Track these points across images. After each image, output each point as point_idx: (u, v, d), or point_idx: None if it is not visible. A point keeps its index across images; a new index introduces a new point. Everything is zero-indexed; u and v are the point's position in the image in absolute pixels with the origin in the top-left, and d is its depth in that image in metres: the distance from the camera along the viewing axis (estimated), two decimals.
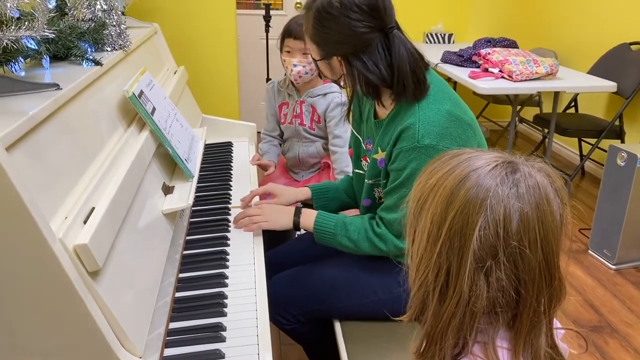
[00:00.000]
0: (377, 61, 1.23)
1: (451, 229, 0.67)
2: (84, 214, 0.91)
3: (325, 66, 1.31)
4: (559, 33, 3.89)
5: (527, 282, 0.67)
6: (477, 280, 0.66)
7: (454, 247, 0.67)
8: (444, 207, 0.68)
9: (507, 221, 0.65)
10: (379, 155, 1.32)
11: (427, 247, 0.70)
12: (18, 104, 0.94)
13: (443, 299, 0.69)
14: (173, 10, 2.88)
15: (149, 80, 1.47)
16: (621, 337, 2.11)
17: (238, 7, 3.35)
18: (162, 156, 1.42)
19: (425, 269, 0.71)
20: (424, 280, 0.71)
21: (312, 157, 2.07)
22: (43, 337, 0.84)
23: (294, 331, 1.50)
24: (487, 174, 0.67)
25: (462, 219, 0.67)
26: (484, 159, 0.70)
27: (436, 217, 0.69)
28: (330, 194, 1.61)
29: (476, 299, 0.67)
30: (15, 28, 0.94)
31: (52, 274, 0.79)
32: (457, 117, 1.22)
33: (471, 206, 0.66)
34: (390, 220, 1.29)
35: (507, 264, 0.66)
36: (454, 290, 0.68)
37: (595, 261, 2.64)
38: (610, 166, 2.51)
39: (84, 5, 1.44)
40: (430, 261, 0.70)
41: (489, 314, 0.69)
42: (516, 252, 0.66)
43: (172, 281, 1.19)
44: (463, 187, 0.67)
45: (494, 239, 0.65)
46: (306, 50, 1.86)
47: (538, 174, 0.68)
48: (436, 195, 0.70)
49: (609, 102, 3.48)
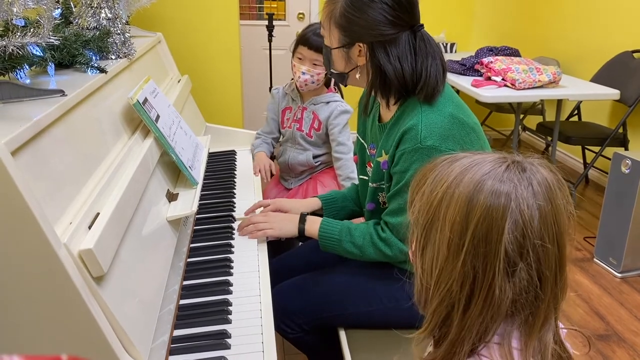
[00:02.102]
0: (402, 57, 1.22)
1: (475, 236, 0.66)
2: (88, 219, 0.91)
3: (341, 55, 1.29)
4: (561, 41, 3.90)
5: (547, 277, 0.67)
6: (504, 283, 0.66)
7: (479, 254, 0.66)
8: (463, 215, 0.67)
9: (531, 220, 0.65)
10: (383, 158, 1.32)
11: (448, 258, 0.68)
12: (23, 110, 0.94)
13: (467, 307, 0.68)
14: (176, 20, 2.89)
15: (153, 87, 1.48)
16: (628, 346, 2.09)
17: (241, 17, 3.37)
18: (166, 163, 1.42)
19: (448, 281, 0.69)
20: (447, 293, 0.69)
21: (301, 165, 2.08)
22: (48, 342, 0.83)
23: (299, 340, 1.49)
24: (502, 176, 0.67)
25: (486, 225, 0.66)
26: (490, 161, 0.69)
27: (456, 226, 0.67)
28: (339, 202, 1.61)
29: (500, 303, 0.66)
30: (20, 35, 0.95)
31: (57, 279, 0.79)
32: (460, 120, 1.22)
33: (494, 211, 0.65)
34: (395, 224, 1.28)
35: (533, 263, 0.66)
36: (479, 297, 0.67)
37: (601, 269, 2.62)
38: (615, 174, 2.50)
39: (88, 14, 1.45)
40: (453, 272, 0.68)
41: (507, 315, 0.69)
42: (540, 250, 0.66)
43: (176, 289, 1.19)
44: (481, 193, 0.66)
45: (522, 240, 0.65)
46: (317, 62, 1.88)
47: (543, 169, 0.69)
48: (451, 205, 0.68)
49: (612, 109, 3.48)
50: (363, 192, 1.51)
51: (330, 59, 1.32)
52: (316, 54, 1.88)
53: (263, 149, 2.09)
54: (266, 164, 1.99)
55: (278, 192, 2.14)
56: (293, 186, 2.12)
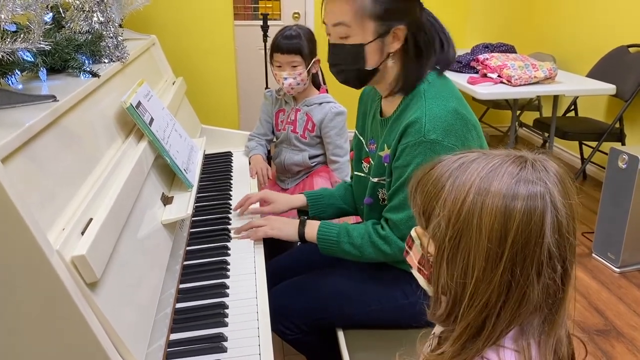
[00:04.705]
0: (427, 28, 1.27)
1: (515, 243, 0.65)
2: (81, 225, 0.91)
3: (377, 47, 1.24)
4: (557, 37, 3.90)
5: (569, 272, 0.68)
6: (536, 285, 0.66)
7: (518, 260, 0.65)
8: (501, 223, 0.65)
9: (565, 218, 0.66)
10: (385, 152, 1.31)
11: (486, 269, 0.66)
12: (15, 116, 0.94)
13: (499, 314, 0.67)
14: (170, 22, 2.89)
15: (146, 91, 1.47)
16: (627, 341, 2.09)
17: (236, 18, 3.36)
18: (161, 167, 1.42)
19: (486, 292, 0.67)
20: (486, 303, 0.67)
21: (297, 166, 2.08)
22: (41, 348, 0.83)
23: (298, 341, 1.49)
24: (531, 177, 0.66)
25: (526, 231, 0.65)
26: (508, 161, 0.68)
27: (494, 234, 0.65)
28: (325, 200, 1.60)
29: (530, 304, 0.67)
30: (10, 40, 0.94)
31: (49, 286, 0.78)
32: (463, 116, 1.22)
33: (533, 214, 0.64)
34: (396, 221, 1.28)
35: (568, 260, 0.67)
36: (513, 302, 0.66)
37: (599, 264, 2.62)
38: (612, 169, 2.51)
39: (80, 18, 1.44)
40: (492, 283, 0.66)
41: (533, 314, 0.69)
42: (572, 245, 0.67)
43: (172, 292, 1.18)
44: (517, 198, 0.65)
45: (560, 239, 0.66)
46: (294, 63, 1.90)
47: (555, 165, 0.69)
48: (484, 214, 0.66)
49: (609, 105, 3.48)
50: (358, 189, 1.51)
51: (364, 56, 1.25)
52: (291, 56, 1.90)
53: (259, 152, 2.09)
54: (263, 168, 1.99)
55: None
56: (289, 186, 2.12)
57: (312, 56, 1.94)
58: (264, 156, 2.09)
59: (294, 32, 1.91)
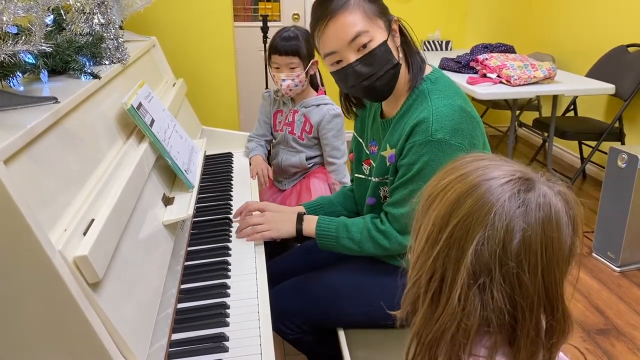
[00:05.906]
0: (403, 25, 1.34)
1: (451, 236, 0.64)
2: (83, 225, 0.91)
3: (392, 43, 1.26)
4: (556, 37, 3.90)
5: (523, 307, 0.63)
6: (470, 296, 0.63)
7: (451, 255, 0.64)
8: (448, 212, 0.65)
9: (507, 240, 0.61)
10: (388, 152, 1.32)
11: (424, 248, 0.67)
12: (16, 118, 0.94)
13: (435, 306, 0.66)
14: (171, 23, 2.89)
15: (147, 92, 1.48)
16: (628, 340, 2.09)
17: (235, 19, 3.37)
18: (161, 167, 1.42)
19: (420, 269, 0.68)
20: (417, 280, 0.68)
21: (294, 167, 2.08)
22: (43, 349, 0.83)
23: (299, 341, 1.49)
24: (499, 187, 0.63)
25: (463, 229, 0.63)
26: (502, 171, 0.66)
27: (439, 219, 0.66)
28: (325, 209, 1.60)
29: (469, 315, 0.63)
30: (12, 42, 0.95)
31: (52, 286, 0.79)
32: (469, 114, 1.23)
33: (474, 218, 0.63)
34: (397, 215, 1.28)
35: (502, 285, 0.62)
36: (447, 300, 0.65)
37: (599, 264, 2.63)
38: (611, 168, 2.51)
39: (81, 20, 1.45)
40: (425, 263, 0.67)
41: (489, 332, 0.65)
42: (513, 274, 0.62)
43: (174, 292, 1.19)
44: (471, 196, 0.64)
45: (490, 256, 0.62)
46: (292, 65, 1.90)
47: (554, 198, 0.64)
48: (444, 198, 0.66)
49: (608, 104, 3.48)
50: (359, 190, 1.51)
51: (391, 52, 1.25)
52: (288, 58, 1.90)
53: (259, 152, 2.09)
54: (264, 168, 1.99)
55: (272, 193, 2.14)
56: (287, 187, 2.12)
57: (310, 58, 1.94)
58: (264, 157, 2.10)
59: (292, 34, 1.92)
